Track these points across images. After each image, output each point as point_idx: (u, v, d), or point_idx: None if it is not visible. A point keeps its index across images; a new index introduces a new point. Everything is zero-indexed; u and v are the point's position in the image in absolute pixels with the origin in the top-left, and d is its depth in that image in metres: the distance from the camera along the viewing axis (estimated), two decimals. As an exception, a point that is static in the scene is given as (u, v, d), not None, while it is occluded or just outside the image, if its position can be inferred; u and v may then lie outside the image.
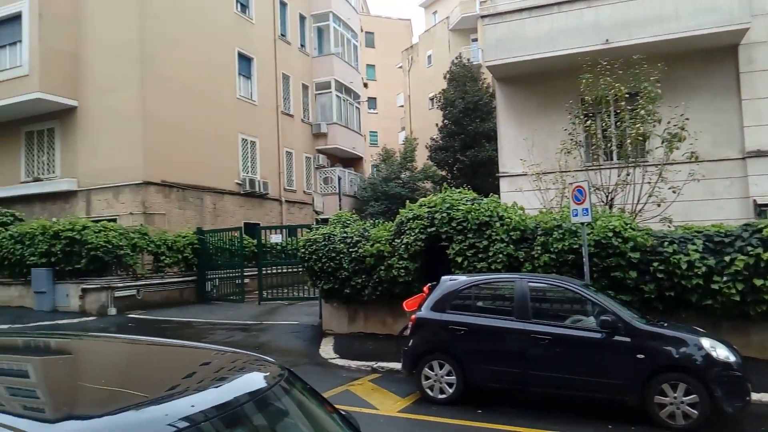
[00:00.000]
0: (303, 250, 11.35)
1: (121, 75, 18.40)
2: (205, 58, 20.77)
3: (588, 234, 8.63)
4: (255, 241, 18.84)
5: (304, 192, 27.51)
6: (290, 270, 17.36)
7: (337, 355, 9.73)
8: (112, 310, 14.36)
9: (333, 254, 10.88)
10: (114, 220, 17.39)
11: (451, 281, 7.56)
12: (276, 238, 18.09)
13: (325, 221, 18.71)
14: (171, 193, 19.32)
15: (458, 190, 10.42)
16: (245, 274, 18.17)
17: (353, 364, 9.22)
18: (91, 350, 2.74)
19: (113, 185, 18.54)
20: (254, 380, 2.19)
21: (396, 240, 10.24)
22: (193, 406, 1.81)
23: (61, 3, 18.84)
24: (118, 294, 14.67)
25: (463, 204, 9.78)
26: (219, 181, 21.36)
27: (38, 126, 19.91)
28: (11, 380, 2.28)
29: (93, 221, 15.98)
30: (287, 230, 19.79)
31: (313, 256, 11.09)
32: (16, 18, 18.74)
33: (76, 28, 19.13)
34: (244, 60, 23.41)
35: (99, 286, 14.52)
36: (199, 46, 20.55)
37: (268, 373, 2.27)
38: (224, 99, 21.90)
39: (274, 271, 17.61)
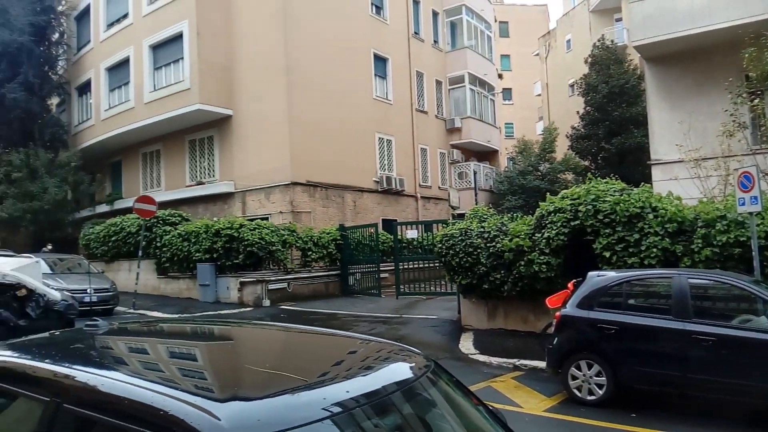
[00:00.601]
0: (439, 246, 11.38)
1: (268, 83, 19.76)
2: (342, 62, 21.64)
3: (758, 225, 7.72)
4: (392, 237, 19.28)
5: (439, 187, 27.61)
6: (427, 265, 17.55)
7: (477, 351, 9.64)
8: (266, 302, 15.48)
9: (470, 249, 10.77)
10: (266, 219, 18.76)
11: (598, 277, 7.14)
12: (412, 234, 18.36)
13: (461, 216, 18.64)
14: (315, 192, 20.40)
15: (604, 181, 9.82)
16: (384, 268, 18.68)
17: (494, 360, 9.08)
18: (252, 337, 2.95)
19: (264, 186, 19.99)
20: (402, 370, 2.23)
21: (536, 234, 9.91)
22: (348, 391, 1.88)
23: (215, 20, 20.67)
24: (271, 287, 15.79)
25: (611, 195, 9.19)
26: (358, 179, 22.15)
27: (199, 135, 22.03)
28: (185, 362, 2.53)
29: (248, 220, 17.34)
30: (423, 225, 20.01)
31: (450, 251, 11.08)
32: (178, 37, 20.87)
33: (229, 42, 20.88)
34: (380, 61, 24.01)
35: (254, 279, 15.73)
36: (337, 50, 21.44)
37: (414, 364, 2.30)
38: (361, 100, 22.65)
39: (411, 266, 17.89)
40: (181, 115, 20.71)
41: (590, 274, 7.28)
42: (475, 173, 27.43)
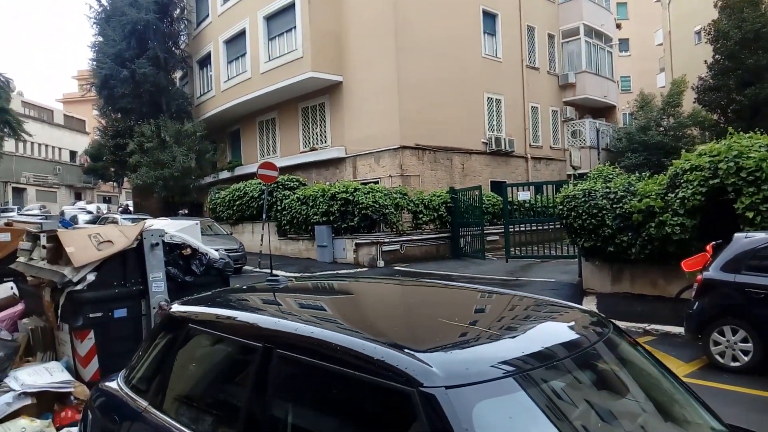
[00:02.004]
0: (561, 207, 11.07)
1: (377, 47, 19.85)
2: (451, 21, 21.22)
3: None
4: (502, 199, 19.08)
5: (550, 147, 26.65)
6: (538, 228, 17.17)
7: (603, 315, 9.38)
8: (381, 263, 15.93)
9: (594, 210, 10.39)
10: (376, 183, 19.12)
11: (746, 239, 6.66)
12: (524, 196, 17.93)
13: (581, 176, 17.95)
14: (423, 156, 20.45)
15: (747, 135, 9.04)
16: (493, 231, 18.62)
17: (621, 324, 8.77)
18: (420, 292, 3.08)
19: (374, 151, 20.32)
20: (585, 329, 2.26)
21: (669, 194, 9.35)
22: (543, 346, 1.94)
23: (326, -13, 20.93)
24: (384, 248, 16.20)
25: (756, 151, 8.44)
26: (466, 141, 21.90)
27: (311, 102, 22.68)
28: (369, 312, 2.70)
29: (361, 184, 17.78)
30: (533, 187, 19.52)
31: (572, 213, 10.75)
32: (290, 7, 21.42)
33: (339, 8, 21.12)
34: (489, 17, 23.29)
35: (369, 241, 16.21)
36: (445, 9, 21.02)
37: (594, 323, 2.32)
38: (470, 59, 22.17)
39: (522, 228, 17.59)
40: (294, 83, 21.39)
41: (737, 235, 6.81)
42: (598, 130, 26.16)
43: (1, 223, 8.12)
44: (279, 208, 18.66)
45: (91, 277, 4.73)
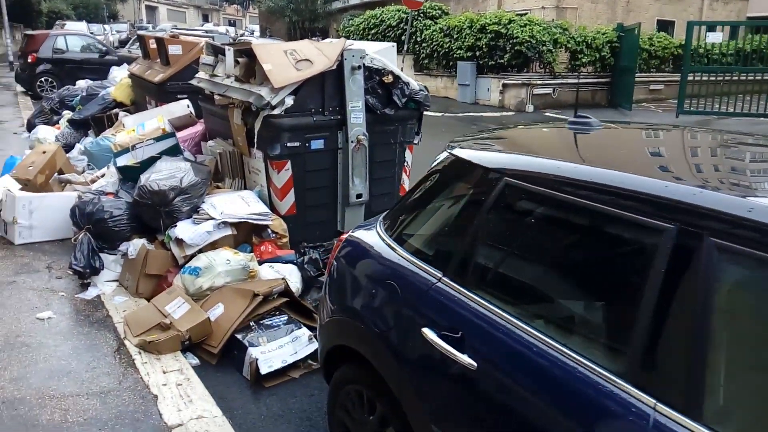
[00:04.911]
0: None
1: None
2: None
3: None
4: (675, 42, 16.50)
5: (736, -19, 22.33)
6: (717, 78, 14.65)
7: None
8: (530, 107, 14.55)
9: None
10: (524, 15, 16.96)
11: None
12: (714, 37, 15.02)
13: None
14: (585, -16, 17.78)
15: None
16: (659, 79, 16.42)
17: None
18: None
19: (528, -23, 17.86)
20: None
21: None
22: None
23: None
24: (535, 92, 14.68)
25: None
26: (636, -31, 18.72)
27: None
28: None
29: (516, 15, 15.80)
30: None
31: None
32: None
33: None
34: None
35: (518, 82, 14.71)
36: None
37: None
38: None
39: (696, 78, 15.10)
40: None
41: None
42: None
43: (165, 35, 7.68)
44: (418, 39, 17.24)
45: (289, 101, 4.12)
